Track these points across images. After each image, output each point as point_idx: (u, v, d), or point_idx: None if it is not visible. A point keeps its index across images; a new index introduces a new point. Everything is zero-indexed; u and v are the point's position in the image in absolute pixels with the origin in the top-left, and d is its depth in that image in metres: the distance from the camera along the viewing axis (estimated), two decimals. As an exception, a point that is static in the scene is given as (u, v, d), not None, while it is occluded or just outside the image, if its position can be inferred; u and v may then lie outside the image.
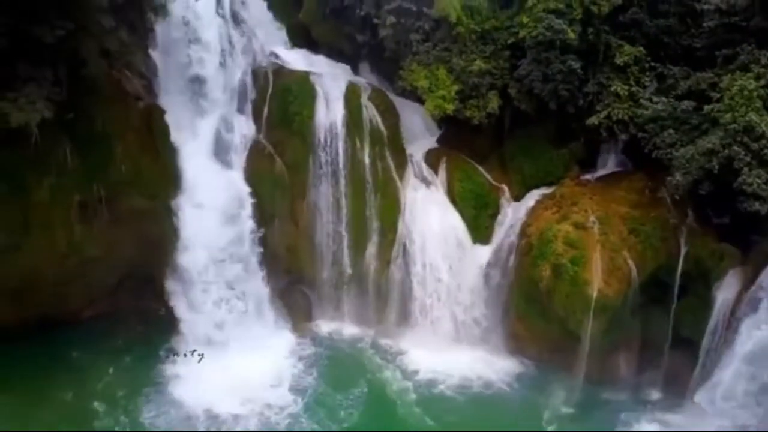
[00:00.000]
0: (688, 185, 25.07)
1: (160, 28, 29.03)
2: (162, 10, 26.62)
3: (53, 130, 25.01)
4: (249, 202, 29.47)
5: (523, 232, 28.76)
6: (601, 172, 30.58)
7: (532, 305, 28.12)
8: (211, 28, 30.66)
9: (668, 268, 26.88)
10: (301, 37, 34.52)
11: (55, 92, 24.01)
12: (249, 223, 29.49)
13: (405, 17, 29.45)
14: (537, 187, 30.49)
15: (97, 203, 27.02)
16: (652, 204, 27.87)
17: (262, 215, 29.74)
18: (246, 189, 29.64)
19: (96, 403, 25.71)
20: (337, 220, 30.07)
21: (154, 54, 29.87)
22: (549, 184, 30.29)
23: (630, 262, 26.56)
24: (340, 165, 29.53)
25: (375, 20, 29.98)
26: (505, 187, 30.92)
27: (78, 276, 27.68)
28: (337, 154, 29.45)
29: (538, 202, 29.63)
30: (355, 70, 34.30)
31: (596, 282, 26.06)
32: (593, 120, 28.09)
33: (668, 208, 27.36)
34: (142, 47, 28.98)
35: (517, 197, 30.68)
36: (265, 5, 33.42)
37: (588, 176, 30.28)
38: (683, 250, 26.63)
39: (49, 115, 23.57)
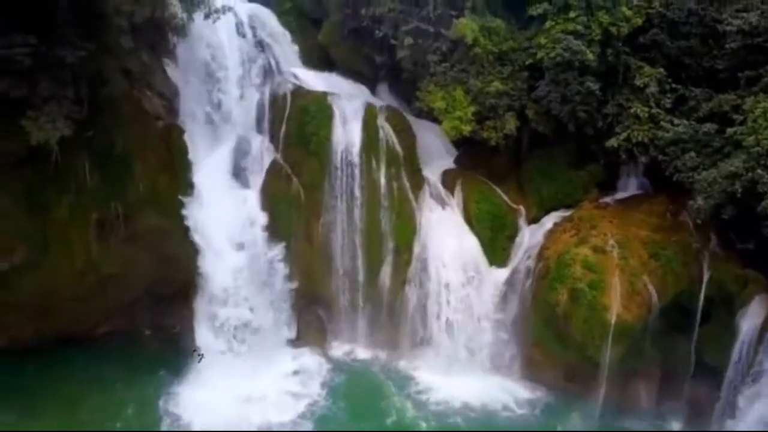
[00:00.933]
0: (710, 209, 24.42)
1: (180, 49, 29.60)
2: (182, 31, 26.98)
3: (73, 148, 25.40)
4: (265, 221, 29.50)
5: (541, 255, 28.26)
6: (621, 195, 30.02)
7: (549, 330, 27.54)
8: (231, 49, 31.28)
9: (690, 294, 26.13)
10: (320, 59, 34.75)
11: (75, 111, 24.35)
12: (264, 243, 29.53)
13: (422, 38, 29.45)
14: (555, 209, 30.01)
15: (115, 221, 27.28)
16: (673, 228, 27.24)
17: (278, 235, 29.72)
18: (262, 208, 29.69)
19: (107, 423, 25.74)
20: (352, 241, 29.93)
21: (175, 74, 30.42)
22: (567, 207, 29.81)
23: (650, 287, 25.91)
24: (356, 185, 29.46)
25: (392, 41, 30.00)
26: (523, 209, 30.48)
27: (95, 293, 27.90)
28: (353, 174, 29.40)
29: (556, 224, 29.14)
30: (374, 91, 34.36)
31: (615, 307, 25.45)
32: (612, 142, 27.65)
33: (690, 233, 26.70)
34: (162, 67, 29.58)
35: (535, 219, 30.22)
36: (284, 27, 33.72)
37: (607, 199, 29.73)
38: (706, 276, 25.90)
39: (69, 133, 23.90)
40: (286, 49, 33.66)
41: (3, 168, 25.00)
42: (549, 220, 29.63)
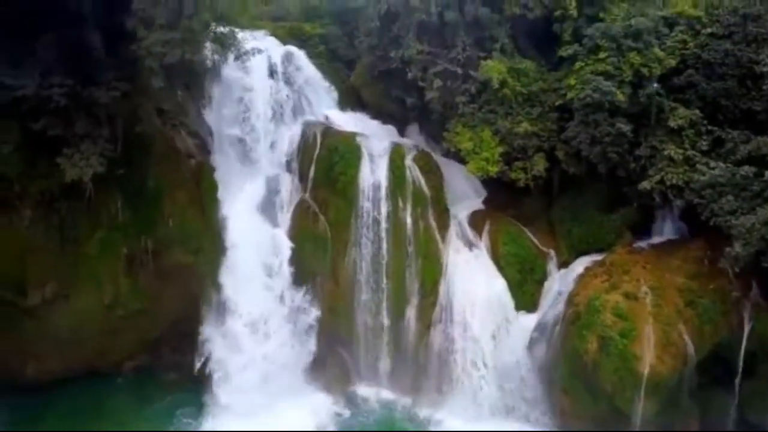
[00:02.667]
0: (749, 257, 23.32)
1: (215, 89, 30.41)
2: (214, 72, 27.71)
3: (107, 185, 26.20)
4: (291, 260, 29.60)
5: (570, 301, 27.27)
6: (656, 240, 28.99)
7: (578, 379, 26.34)
8: (263, 90, 32.06)
9: (730, 346, 24.81)
10: (351, 100, 35.24)
11: (109, 149, 25.17)
12: (290, 281, 29.55)
13: (451, 80, 29.54)
14: (586, 253, 29.16)
15: (144, 256, 27.74)
16: (711, 275, 25.96)
17: (304, 274, 29.78)
18: (289, 247, 29.81)
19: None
20: (377, 281, 29.61)
21: (209, 113, 31.22)
22: (599, 251, 28.89)
23: (686, 337, 24.68)
24: (382, 225, 29.32)
25: (421, 83, 30.13)
26: (553, 252, 29.72)
27: (122, 328, 28.19)
28: (379, 213, 29.33)
29: (587, 269, 28.18)
30: (404, 132, 34.53)
31: (648, 357, 24.23)
32: (645, 184, 26.83)
33: (729, 280, 25.37)
34: (196, 107, 30.40)
35: (565, 263, 29.41)
36: (317, 68, 34.32)
37: (641, 243, 28.73)
38: (747, 327, 24.63)
39: (101, 170, 24.69)
40: (318, 91, 34.22)
41: (39, 204, 25.88)
42: (580, 265, 28.72)
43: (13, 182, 25.28)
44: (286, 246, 29.87)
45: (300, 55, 34.05)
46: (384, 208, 29.36)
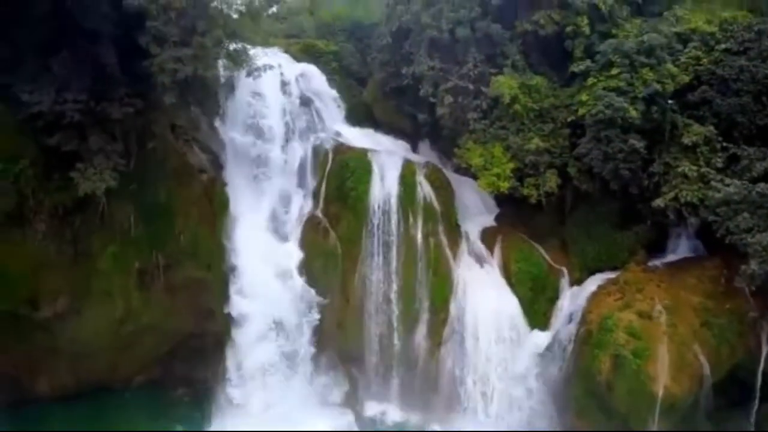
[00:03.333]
0: (765, 275, 22.79)
1: (228, 105, 30.68)
2: (226, 88, 27.96)
3: (120, 199, 26.38)
4: (301, 275, 29.60)
5: (583, 319, 26.89)
6: (670, 258, 28.52)
7: (591, 399, 25.87)
8: (276, 106, 32.27)
9: (748, 367, 24.21)
10: (364, 116, 35.35)
11: (122, 164, 25.37)
12: (299, 297, 29.47)
13: (462, 96, 29.48)
14: (600, 270, 28.75)
15: (155, 271, 27.81)
16: (728, 294, 25.47)
17: (314, 289, 29.60)
18: (299, 262, 29.83)
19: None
20: (387, 297, 29.43)
21: (222, 129, 31.47)
22: (613, 269, 28.47)
23: (702, 357, 24.17)
24: (393, 240, 29.22)
25: (432, 99, 30.11)
26: (565, 270, 29.37)
27: (133, 343, 28.27)
28: (389, 229, 29.23)
29: (600, 287, 27.77)
30: (416, 148, 34.53)
31: (662, 378, 23.74)
32: (659, 202, 26.45)
33: (746, 299, 24.83)
34: (209, 122, 30.67)
35: (578, 281, 29.01)
36: (329, 85, 34.52)
37: (656, 261, 28.27)
38: (765, 349, 24.05)
39: (114, 185, 24.85)
40: (330, 107, 34.41)
41: (53, 218, 26.12)
42: (593, 283, 28.30)
43: (28, 197, 25.58)
44: (295, 261, 29.88)
45: (313, 72, 34.33)
46: (394, 224, 29.26)
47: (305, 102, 33.29)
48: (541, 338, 28.27)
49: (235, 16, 26.59)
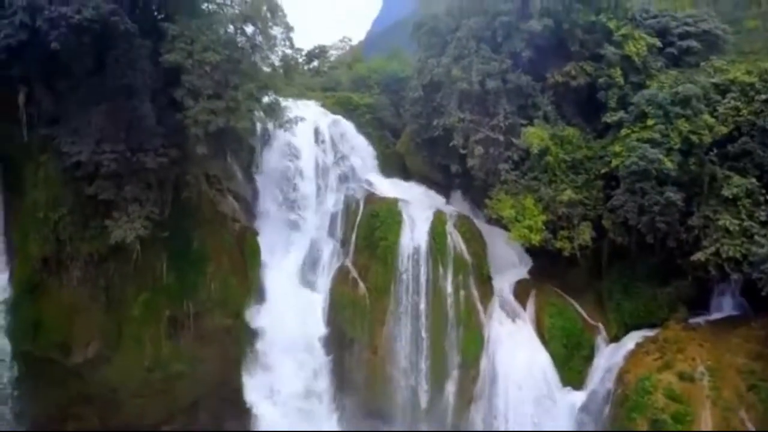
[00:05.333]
0: (816, 337, 21.32)
1: (262, 155, 31.37)
2: (262, 139, 28.63)
3: (153, 248, 26.96)
4: (329, 326, 29.35)
5: (620, 379, 25.61)
6: (714, 316, 27.19)
7: (629, 466, 24.36)
8: (309, 157, 32.83)
9: (800, 436, 22.40)
10: (397, 167, 35.47)
11: (155, 212, 26.04)
12: (327, 349, 29.15)
13: (493, 147, 29.29)
14: (638, 328, 27.58)
15: (186, 319, 28.09)
16: (776, 356, 23.95)
17: (342, 341, 29.32)
18: (327, 313, 29.62)
19: None
20: (416, 351, 28.73)
21: (256, 178, 32.09)
22: (651, 326, 27.30)
23: (749, 424, 22.62)
24: (422, 292, 28.76)
25: (463, 151, 30.02)
26: (602, 326, 28.29)
27: (161, 391, 28.30)
28: (418, 281, 28.83)
29: (638, 345, 26.57)
30: (448, 199, 34.24)
31: (706, 446, 22.24)
32: (699, 256, 25.39)
33: (796, 362, 23.32)
34: (242, 172, 31.34)
35: (615, 338, 27.88)
36: (363, 136, 34.97)
37: (698, 319, 26.96)
38: (817, 415, 22.23)
39: (145, 233, 25.47)
40: (364, 158, 34.75)
41: (88, 265, 26.84)
42: (630, 340, 27.08)
43: (66, 243, 26.42)
44: (324, 312, 29.74)
45: (346, 124, 34.89)
46: (423, 275, 28.87)
47: (338, 153, 33.75)
48: (575, 397, 27.03)
49: (268, 70, 27.32)
